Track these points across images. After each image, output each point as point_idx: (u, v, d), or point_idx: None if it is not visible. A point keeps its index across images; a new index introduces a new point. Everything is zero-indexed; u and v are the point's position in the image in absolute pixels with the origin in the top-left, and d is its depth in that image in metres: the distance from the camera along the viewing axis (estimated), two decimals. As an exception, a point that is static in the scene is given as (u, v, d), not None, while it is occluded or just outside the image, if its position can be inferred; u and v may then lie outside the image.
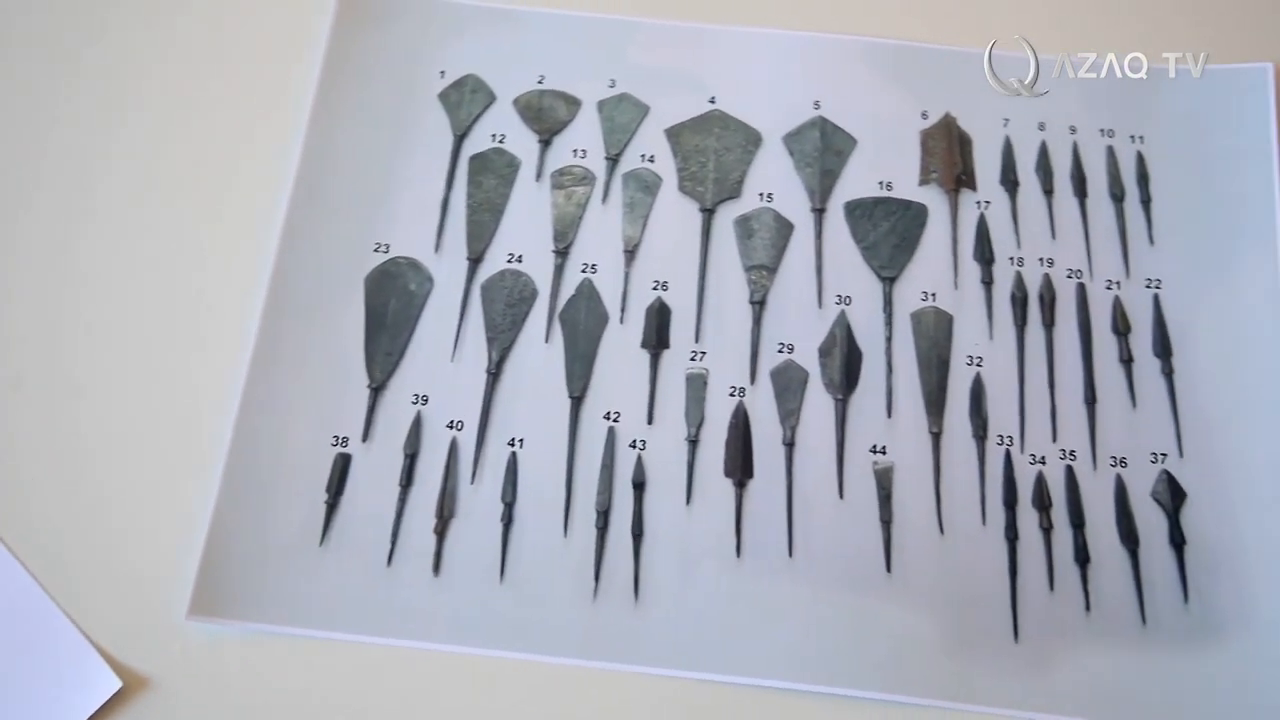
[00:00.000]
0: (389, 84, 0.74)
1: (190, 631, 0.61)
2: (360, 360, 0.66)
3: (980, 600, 0.61)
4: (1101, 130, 0.73)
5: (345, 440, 0.65)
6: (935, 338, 0.67)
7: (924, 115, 0.73)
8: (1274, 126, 0.71)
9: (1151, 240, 0.70)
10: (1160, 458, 0.64)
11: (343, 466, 0.64)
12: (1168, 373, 0.66)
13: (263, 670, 0.60)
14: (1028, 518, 0.63)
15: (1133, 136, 0.72)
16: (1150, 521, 0.63)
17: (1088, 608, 0.61)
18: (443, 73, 0.74)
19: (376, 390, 0.66)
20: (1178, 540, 0.62)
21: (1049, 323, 0.68)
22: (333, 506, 0.63)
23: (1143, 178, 0.71)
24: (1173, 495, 0.63)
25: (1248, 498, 0.63)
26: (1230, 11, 0.77)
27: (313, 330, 0.67)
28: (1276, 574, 0.61)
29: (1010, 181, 0.71)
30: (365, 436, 0.65)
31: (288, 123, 0.72)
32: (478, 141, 0.73)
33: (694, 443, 0.65)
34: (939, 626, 0.61)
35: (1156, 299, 0.68)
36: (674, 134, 0.73)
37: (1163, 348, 0.67)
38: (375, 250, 0.69)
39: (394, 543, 0.62)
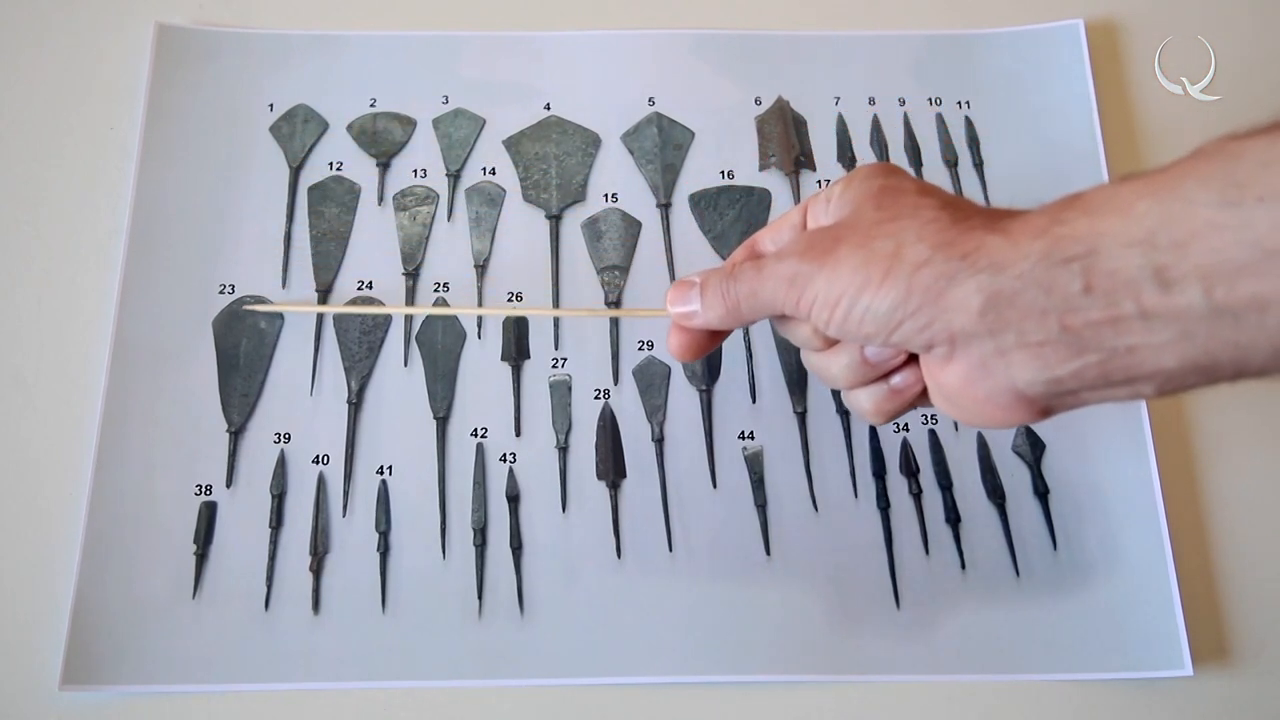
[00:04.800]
0: (217, 122, 0.72)
1: (65, 703, 0.59)
2: (216, 405, 0.65)
3: (860, 572, 0.62)
4: (930, 99, 0.74)
5: (209, 488, 0.63)
6: (791, 319, 0.68)
7: (757, 101, 0.74)
8: (1090, 80, 0.73)
9: (988, 201, 0.71)
10: (1017, 412, 0.66)
11: (209, 515, 0.63)
12: (1016, 329, 0.68)
13: (145, 733, 0.59)
14: (897, 485, 0.65)
15: (959, 103, 0.74)
16: (1014, 475, 0.65)
17: (963, 566, 0.63)
18: (271, 105, 0.73)
19: (236, 434, 0.64)
20: (1041, 490, 0.64)
21: (899, 292, 0.69)
22: (202, 557, 0.62)
23: (973, 141, 0.73)
24: (1032, 447, 0.65)
25: (1102, 441, 0.65)
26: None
27: (164, 380, 0.65)
28: (1135, 512, 0.63)
29: (848, 158, 0.72)
30: (229, 482, 0.64)
31: (116, 172, 0.71)
32: (315, 171, 0.72)
33: (564, 450, 0.65)
34: (822, 603, 0.61)
35: (998, 258, 0.70)
36: (513, 144, 0.73)
37: (1009, 305, 0.68)
38: (221, 292, 0.68)
39: (270, 586, 0.61)
